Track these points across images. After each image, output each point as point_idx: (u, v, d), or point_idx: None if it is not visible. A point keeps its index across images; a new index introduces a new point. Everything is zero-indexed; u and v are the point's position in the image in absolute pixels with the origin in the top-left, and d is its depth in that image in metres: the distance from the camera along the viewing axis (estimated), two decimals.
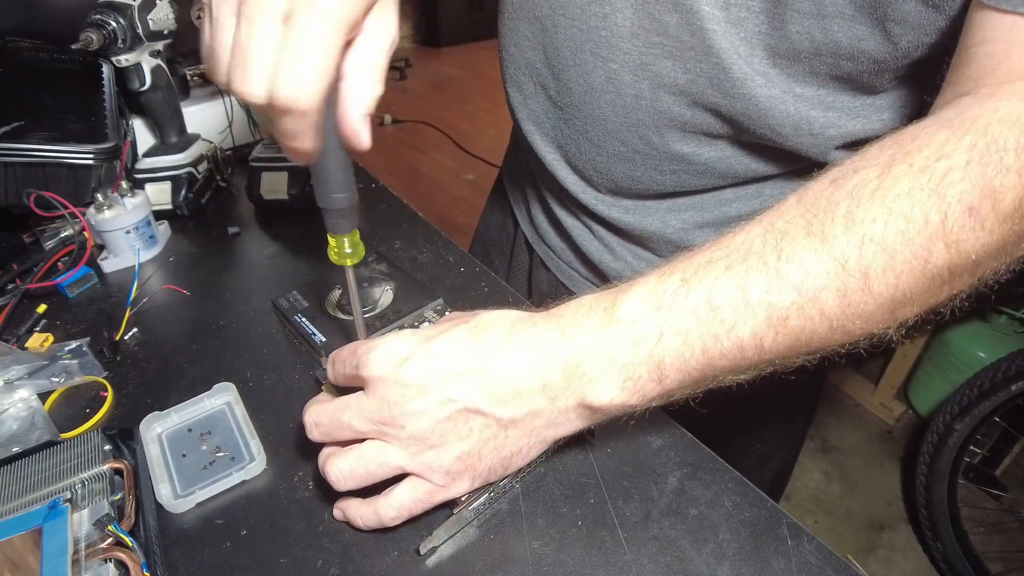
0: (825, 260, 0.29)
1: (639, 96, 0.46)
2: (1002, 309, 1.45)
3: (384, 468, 0.34)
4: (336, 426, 0.35)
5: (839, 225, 0.29)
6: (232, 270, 0.63)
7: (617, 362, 0.32)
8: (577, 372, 0.33)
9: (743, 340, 0.31)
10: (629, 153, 0.50)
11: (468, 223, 0.89)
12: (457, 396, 0.33)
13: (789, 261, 0.30)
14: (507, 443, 0.34)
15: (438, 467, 0.34)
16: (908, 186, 0.29)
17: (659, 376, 0.32)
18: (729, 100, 0.43)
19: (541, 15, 0.49)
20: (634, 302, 0.32)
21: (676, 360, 0.31)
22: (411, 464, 0.34)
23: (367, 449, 0.34)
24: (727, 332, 0.30)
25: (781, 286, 0.30)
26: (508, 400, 0.33)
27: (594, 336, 0.32)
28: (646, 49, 0.44)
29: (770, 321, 0.30)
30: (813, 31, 0.39)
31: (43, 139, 0.65)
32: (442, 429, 0.33)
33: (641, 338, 0.31)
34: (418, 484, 0.34)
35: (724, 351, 0.31)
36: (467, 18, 4.50)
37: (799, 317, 0.30)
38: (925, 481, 1.33)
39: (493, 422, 0.33)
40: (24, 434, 0.43)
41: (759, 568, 0.34)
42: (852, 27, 0.38)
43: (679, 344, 0.31)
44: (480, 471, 0.35)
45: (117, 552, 0.33)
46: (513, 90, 0.57)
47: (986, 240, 0.29)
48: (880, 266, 0.29)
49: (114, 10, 0.61)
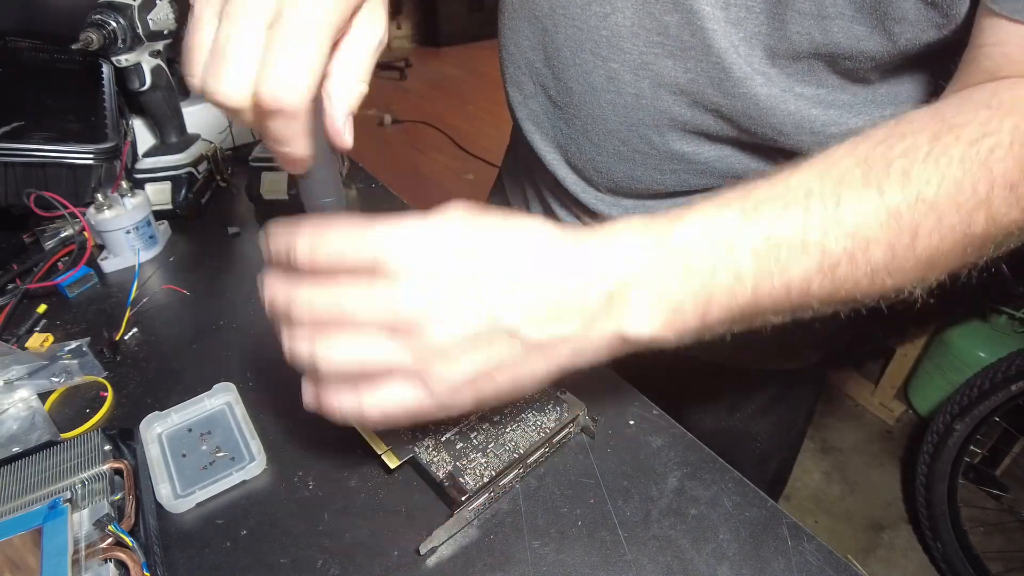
0: (880, 212, 0.30)
1: (639, 95, 0.46)
2: (1002, 309, 1.44)
3: (384, 364, 0.29)
4: (336, 313, 0.29)
5: (895, 181, 0.30)
6: (232, 270, 0.63)
7: (666, 293, 0.30)
8: (620, 300, 0.30)
9: (793, 281, 0.30)
10: (629, 153, 0.50)
11: None
12: (492, 310, 0.29)
13: (847, 208, 0.30)
14: (525, 367, 0.31)
15: (446, 380, 0.29)
16: (960, 155, 0.30)
17: (704, 311, 0.31)
18: (729, 99, 0.44)
19: (541, 15, 0.49)
20: (690, 231, 0.31)
21: (725, 296, 0.30)
22: (415, 367, 0.29)
23: (369, 339, 0.29)
24: (780, 272, 0.30)
25: (837, 232, 0.30)
26: (544, 323, 0.30)
27: (645, 263, 0.30)
28: (646, 48, 0.44)
29: (821, 266, 0.30)
30: (813, 31, 0.39)
31: (43, 139, 0.65)
32: (465, 343, 0.29)
33: (694, 269, 0.30)
34: (413, 388, 0.30)
35: (773, 290, 0.30)
36: (467, 18, 4.50)
37: (849, 265, 0.30)
38: (925, 481, 1.33)
39: (520, 344, 0.30)
40: (24, 434, 0.43)
41: (759, 568, 0.34)
42: (852, 27, 0.38)
43: (731, 280, 0.30)
44: (487, 392, 0.31)
45: (117, 552, 0.33)
46: (513, 90, 0.57)
47: (1017, 216, 0.31)
48: (928, 226, 0.30)
49: (114, 10, 0.61)
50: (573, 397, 0.42)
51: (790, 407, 0.68)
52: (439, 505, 0.38)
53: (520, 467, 0.38)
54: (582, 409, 0.41)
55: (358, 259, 0.29)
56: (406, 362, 0.29)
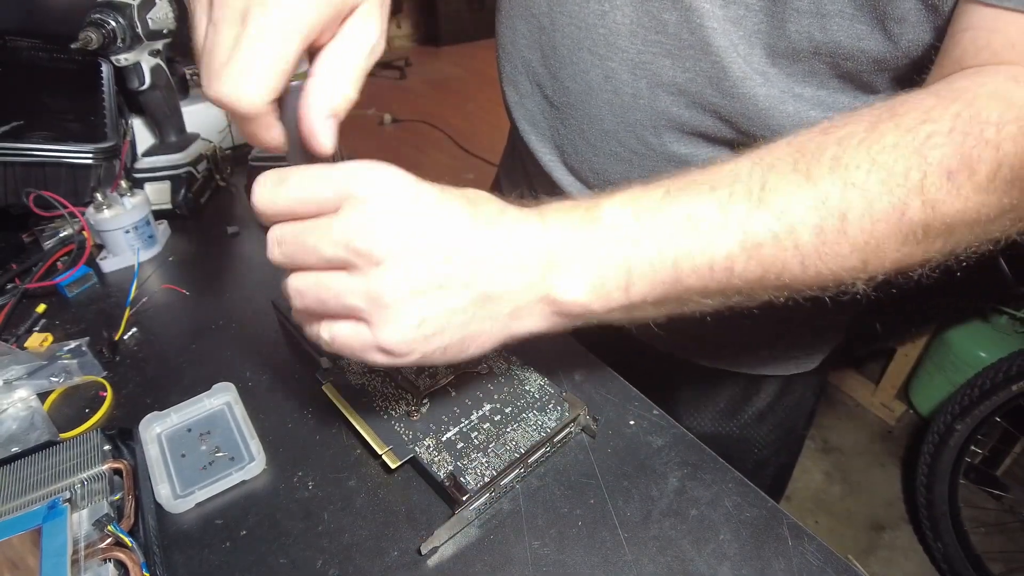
0: (807, 196, 0.30)
1: (637, 95, 0.46)
2: (1003, 309, 1.44)
3: (338, 302, 0.30)
4: (300, 248, 0.30)
5: (825, 166, 0.31)
6: (232, 270, 0.63)
7: (590, 260, 0.32)
8: (552, 263, 0.32)
9: (715, 259, 0.31)
10: (626, 154, 0.50)
11: None
12: (447, 251, 0.30)
13: (773, 191, 0.31)
14: (472, 323, 0.32)
15: (394, 325, 0.30)
16: (893, 142, 0.30)
17: (627, 283, 0.32)
18: (728, 100, 0.43)
19: (539, 12, 0.49)
20: (615, 206, 0.33)
21: (647, 268, 0.32)
22: (367, 308, 0.29)
23: (328, 276, 0.30)
24: (701, 249, 0.31)
25: (761, 213, 0.31)
26: (490, 273, 0.31)
27: (573, 231, 0.32)
28: (644, 47, 0.44)
29: (744, 245, 0.31)
30: (812, 30, 0.39)
31: (42, 139, 0.65)
32: (419, 284, 0.29)
33: (617, 240, 0.32)
34: (360, 331, 0.30)
35: (695, 267, 0.31)
36: (467, 17, 4.51)
37: (773, 246, 0.31)
38: (926, 481, 1.33)
39: (468, 295, 0.31)
40: (23, 434, 0.43)
41: (760, 568, 0.34)
42: (852, 26, 0.38)
43: (653, 253, 0.31)
44: (433, 346, 0.31)
45: (116, 552, 0.32)
46: (509, 89, 0.56)
47: (961, 206, 0.30)
48: (859, 210, 0.30)
49: (113, 9, 0.61)
50: (574, 397, 0.42)
51: (789, 412, 0.67)
52: (439, 505, 0.38)
53: (521, 467, 0.38)
54: (583, 409, 0.41)
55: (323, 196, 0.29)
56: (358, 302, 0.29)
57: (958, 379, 1.39)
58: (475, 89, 3.78)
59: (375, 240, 0.28)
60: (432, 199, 0.31)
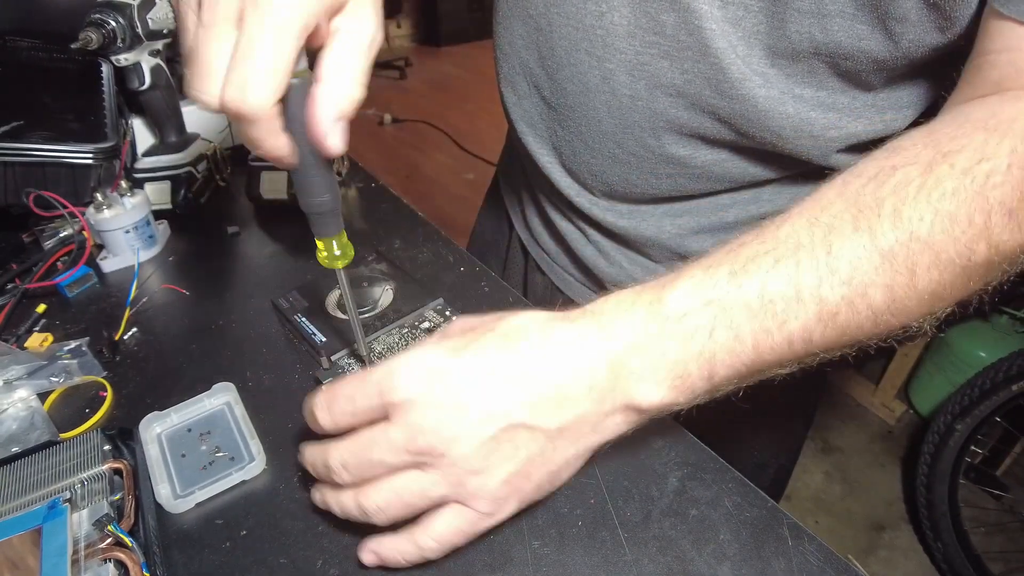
0: (874, 256, 0.30)
1: (635, 97, 0.46)
2: (1003, 309, 1.44)
3: (424, 499, 0.31)
4: (367, 466, 0.31)
5: (886, 222, 0.30)
6: (232, 270, 0.63)
7: (667, 359, 0.31)
8: (624, 371, 0.31)
9: (793, 334, 0.30)
10: (624, 156, 0.50)
11: (468, 223, 0.89)
12: (499, 411, 0.30)
13: (839, 256, 0.30)
14: (555, 456, 0.32)
15: (484, 494, 0.31)
16: (953, 186, 0.30)
17: (709, 372, 0.31)
18: (727, 101, 0.43)
19: (536, 13, 0.48)
20: (682, 295, 0.31)
21: (727, 356, 0.31)
22: (454, 493, 0.31)
23: (404, 480, 0.31)
24: (779, 327, 0.30)
25: (832, 281, 0.30)
26: (554, 409, 0.31)
27: (641, 332, 0.31)
28: (643, 48, 0.43)
29: (820, 316, 0.30)
30: (813, 30, 0.38)
31: (42, 139, 0.65)
32: (486, 451, 0.30)
33: (691, 333, 0.31)
34: (461, 513, 0.32)
35: (774, 345, 0.31)
36: (467, 17, 4.50)
37: (848, 311, 0.30)
38: (926, 481, 1.33)
39: (540, 435, 0.31)
40: (23, 434, 0.43)
41: (760, 568, 0.34)
42: (853, 26, 0.37)
43: (731, 339, 0.30)
44: (528, 491, 0.33)
45: (117, 552, 0.32)
46: (507, 90, 0.56)
47: (1021, 240, 0.30)
48: (926, 263, 0.30)
49: (113, 9, 0.61)
50: None
51: (788, 414, 0.67)
52: None
53: None
54: None
55: (369, 406, 0.31)
56: (442, 490, 0.31)
57: (958, 379, 1.39)
58: (475, 89, 3.78)
59: (431, 439, 0.30)
60: (466, 367, 0.31)
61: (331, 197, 0.34)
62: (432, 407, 0.30)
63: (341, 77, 0.30)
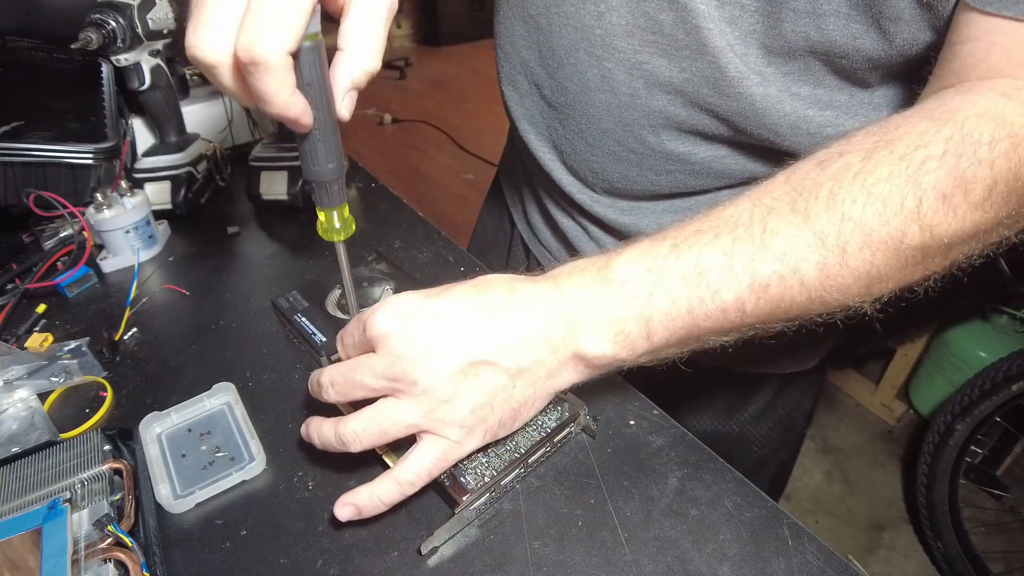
0: (807, 234, 0.32)
1: (634, 95, 0.46)
2: (1003, 309, 1.44)
3: (398, 426, 0.34)
4: (349, 385, 0.35)
5: (821, 203, 0.32)
6: (232, 270, 0.63)
7: (610, 317, 0.34)
8: (574, 325, 0.35)
9: (727, 303, 0.33)
10: (624, 153, 0.50)
11: (468, 222, 0.89)
12: (467, 347, 0.34)
13: (773, 234, 0.32)
14: (515, 393, 0.35)
15: (452, 420, 0.34)
16: (888, 171, 0.31)
17: (647, 332, 0.34)
18: (725, 99, 0.43)
19: (536, 13, 0.49)
20: (627, 263, 0.35)
21: (664, 318, 0.34)
22: (425, 420, 0.34)
23: (380, 407, 0.34)
24: (712, 295, 0.33)
25: (764, 256, 0.32)
26: (514, 350, 0.34)
27: (589, 293, 0.35)
28: (641, 47, 0.44)
29: (752, 287, 0.32)
30: (808, 29, 0.39)
31: (43, 139, 0.65)
32: (454, 381, 0.33)
33: (632, 296, 0.34)
34: (432, 442, 0.35)
35: (708, 312, 0.33)
36: (467, 17, 4.50)
37: (779, 285, 0.32)
38: (926, 481, 1.33)
39: (503, 372, 0.34)
40: (23, 434, 0.43)
41: (760, 568, 0.34)
42: (847, 25, 0.38)
43: (667, 303, 0.33)
44: (492, 424, 0.36)
45: (117, 552, 0.32)
46: (508, 89, 0.57)
47: (958, 226, 0.31)
48: (857, 243, 0.31)
49: (113, 9, 0.61)
50: (574, 397, 0.42)
51: (788, 410, 0.67)
52: (440, 505, 0.38)
53: (521, 467, 0.38)
54: (583, 408, 0.41)
55: (356, 340, 0.36)
56: (414, 417, 0.34)
57: (958, 379, 1.40)
58: (475, 89, 3.78)
59: (405, 366, 0.33)
60: (439, 309, 0.35)
61: (336, 166, 0.34)
62: (407, 339, 0.34)
63: (363, 46, 0.31)
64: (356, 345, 0.37)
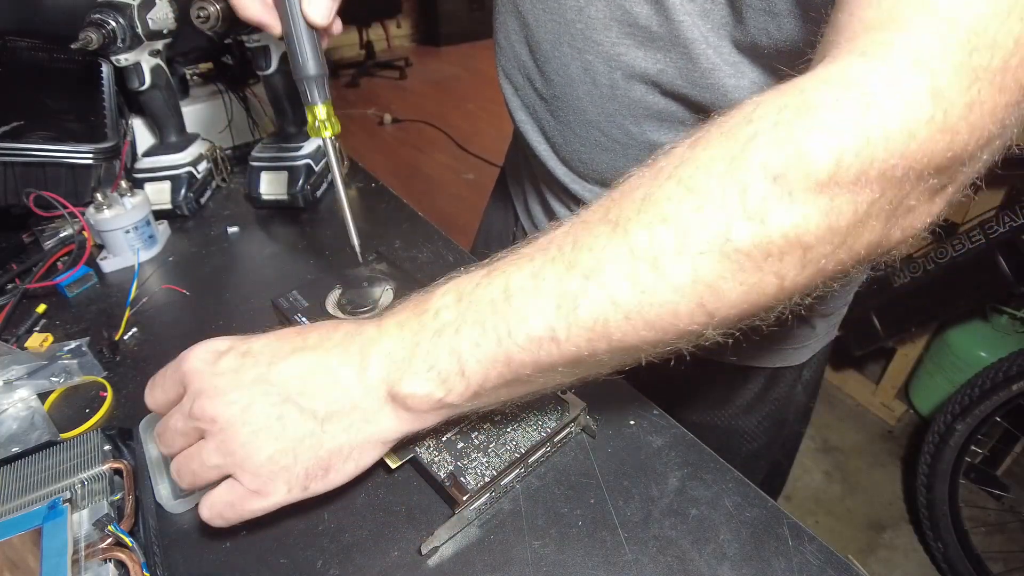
0: (615, 245, 0.27)
1: (614, 86, 0.47)
2: (1003, 309, 1.44)
3: (204, 468, 0.33)
4: (165, 431, 0.35)
5: (634, 208, 0.27)
6: (232, 270, 0.63)
7: (420, 351, 0.32)
8: (388, 362, 0.32)
9: (535, 331, 0.29)
10: (610, 143, 0.51)
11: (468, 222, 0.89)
12: (271, 383, 0.32)
13: (580, 249, 0.28)
14: (324, 440, 0.33)
15: (250, 467, 0.32)
16: (709, 155, 0.26)
17: (460, 368, 0.31)
18: (699, 90, 0.44)
19: (524, 9, 0.51)
20: (440, 294, 0.33)
21: (474, 351, 0.30)
22: (225, 463, 0.32)
23: (192, 449, 0.34)
24: (520, 322, 0.29)
25: (571, 274, 0.28)
26: (325, 391, 0.33)
27: (404, 329, 0.33)
28: (618, 40, 0.45)
29: (560, 310, 0.28)
30: (769, 27, 0.39)
31: (43, 139, 0.65)
32: (255, 422, 0.32)
33: (442, 328, 0.31)
34: (231, 486, 0.33)
35: (520, 344, 0.29)
36: (467, 17, 4.50)
37: (589, 305, 0.28)
38: (926, 481, 1.33)
39: (309, 416, 0.32)
40: (23, 434, 0.43)
41: (760, 568, 0.34)
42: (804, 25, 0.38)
43: (476, 334, 0.30)
44: (296, 474, 0.32)
45: (117, 552, 0.32)
46: (505, 83, 0.58)
47: (799, 212, 0.25)
48: (672, 248, 0.26)
49: (114, 9, 0.61)
50: (574, 396, 0.42)
51: (777, 405, 0.67)
52: (440, 505, 0.38)
53: (521, 467, 0.38)
54: (583, 408, 0.41)
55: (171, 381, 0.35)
56: (217, 459, 0.32)
57: (958, 379, 1.39)
58: (475, 89, 3.78)
59: (204, 403, 0.32)
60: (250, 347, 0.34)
61: (315, 64, 0.41)
62: (213, 377, 0.33)
63: None
64: (171, 385, 0.35)
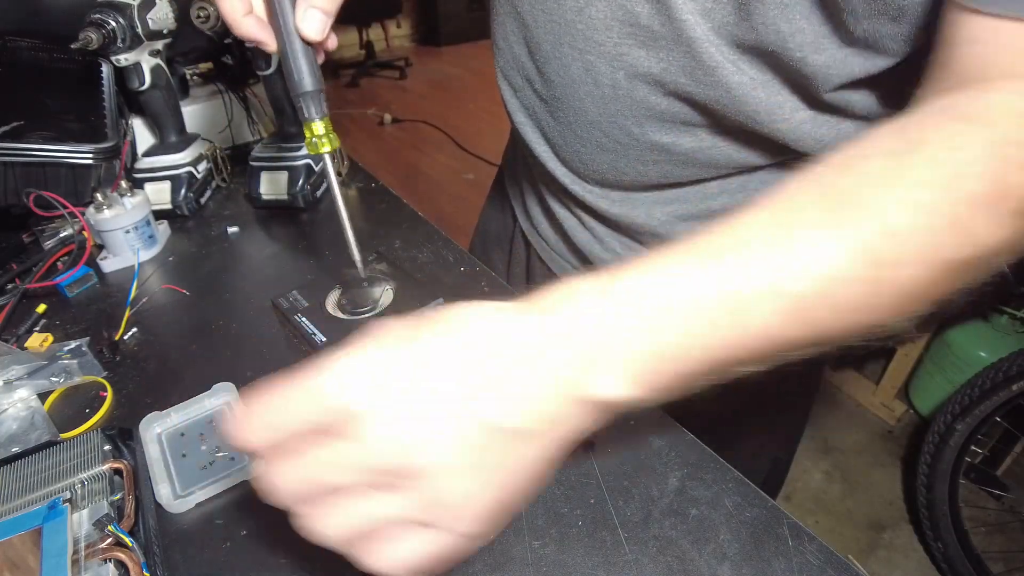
0: (842, 249, 0.28)
1: (616, 87, 0.47)
2: (1003, 309, 1.44)
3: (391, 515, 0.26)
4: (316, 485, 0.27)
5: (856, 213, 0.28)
6: (232, 270, 0.63)
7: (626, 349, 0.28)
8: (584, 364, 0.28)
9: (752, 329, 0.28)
10: (611, 144, 0.51)
11: (468, 222, 0.89)
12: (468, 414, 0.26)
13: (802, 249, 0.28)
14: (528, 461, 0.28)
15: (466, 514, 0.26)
16: (927, 176, 0.28)
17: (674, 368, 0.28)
18: (702, 88, 0.44)
19: (522, 10, 0.50)
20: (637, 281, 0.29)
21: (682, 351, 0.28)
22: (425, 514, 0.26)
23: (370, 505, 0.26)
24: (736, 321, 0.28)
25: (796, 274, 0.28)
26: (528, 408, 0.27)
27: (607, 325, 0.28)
28: (620, 40, 0.45)
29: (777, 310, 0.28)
30: (779, 21, 0.39)
31: (43, 139, 0.65)
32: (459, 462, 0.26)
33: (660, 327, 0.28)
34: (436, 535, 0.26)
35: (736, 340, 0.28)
36: (467, 17, 4.50)
37: (812, 305, 0.28)
38: (926, 481, 1.33)
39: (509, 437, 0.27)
40: (24, 434, 0.43)
41: (760, 568, 0.34)
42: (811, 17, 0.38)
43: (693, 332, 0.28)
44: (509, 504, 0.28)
45: (117, 552, 0.32)
46: (504, 84, 0.58)
47: (1000, 234, 0.29)
48: (895, 257, 0.28)
49: (114, 9, 0.61)
50: None
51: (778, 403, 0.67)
52: None
53: None
54: None
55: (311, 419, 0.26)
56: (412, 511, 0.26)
57: (958, 379, 1.39)
58: (475, 89, 3.78)
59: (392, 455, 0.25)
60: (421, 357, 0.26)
61: (310, 80, 0.40)
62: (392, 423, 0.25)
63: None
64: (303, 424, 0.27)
